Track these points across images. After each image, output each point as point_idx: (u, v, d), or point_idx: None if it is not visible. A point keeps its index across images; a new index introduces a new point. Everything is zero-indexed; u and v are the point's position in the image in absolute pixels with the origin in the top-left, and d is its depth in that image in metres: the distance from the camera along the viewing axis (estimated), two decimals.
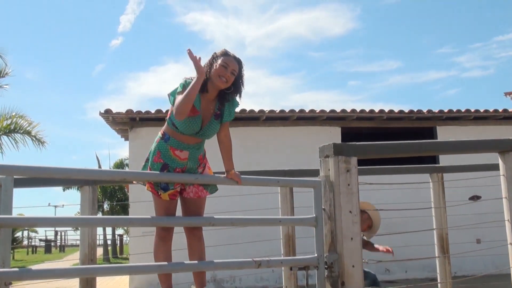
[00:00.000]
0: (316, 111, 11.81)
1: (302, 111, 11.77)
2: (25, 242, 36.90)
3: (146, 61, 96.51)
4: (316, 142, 4.79)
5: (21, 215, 3.97)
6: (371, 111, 11.99)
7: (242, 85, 3.56)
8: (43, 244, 37.50)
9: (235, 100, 3.60)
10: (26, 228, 32.85)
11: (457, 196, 6.67)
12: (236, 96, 3.59)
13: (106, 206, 25.68)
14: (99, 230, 24.45)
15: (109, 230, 27.27)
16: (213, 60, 3.50)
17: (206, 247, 3.73)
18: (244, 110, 11.39)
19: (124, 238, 31.36)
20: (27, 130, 14.69)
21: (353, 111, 11.88)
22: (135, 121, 11.57)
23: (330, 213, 3.48)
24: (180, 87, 3.44)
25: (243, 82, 3.56)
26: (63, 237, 41.58)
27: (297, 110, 11.76)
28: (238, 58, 3.52)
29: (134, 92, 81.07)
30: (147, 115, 11.30)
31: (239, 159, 4.67)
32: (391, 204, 5.82)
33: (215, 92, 3.51)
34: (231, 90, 3.53)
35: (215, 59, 3.49)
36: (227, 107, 3.57)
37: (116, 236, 29.32)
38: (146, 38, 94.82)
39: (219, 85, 3.45)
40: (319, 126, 12.15)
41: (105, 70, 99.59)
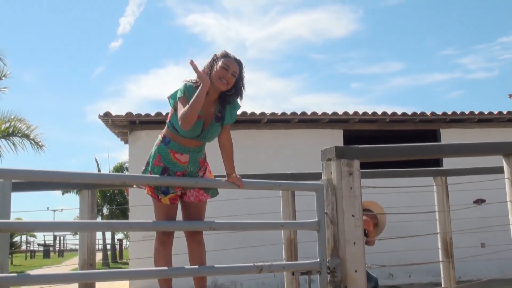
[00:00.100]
0: (318, 114, 11.81)
1: (304, 113, 11.77)
2: (23, 247, 36.84)
3: (146, 63, 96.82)
4: (318, 145, 4.78)
5: (19, 220, 3.97)
6: (374, 113, 11.99)
7: (243, 87, 3.57)
8: (41, 249, 37.46)
9: (237, 103, 3.60)
10: (25, 233, 32.86)
11: (461, 200, 6.67)
12: (237, 98, 3.59)
13: (105, 210, 25.67)
14: (99, 234, 24.43)
15: (108, 234, 27.25)
16: (213, 62, 3.50)
17: (207, 251, 3.73)
18: (245, 113, 11.39)
19: (124, 243, 31.34)
20: (26, 133, 14.69)
21: (355, 113, 11.88)
22: (134, 124, 11.57)
23: (333, 217, 3.48)
24: (181, 92, 3.44)
25: (244, 84, 3.57)
26: (62, 241, 41.50)
27: (298, 113, 11.76)
28: (238, 59, 3.52)
29: (134, 94, 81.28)
30: (147, 118, 11.30)
31: (240, 162, 4.67)
32: (394, 208, 5.81)
33: (216, 94, 3.51)
34: (232, 92, 3.53)
35: (216, 61, 3.49)
36: (229, 109, 3.57)
37: (116, 240, 29.28)
38: (146, 40, 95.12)
39: (220, 87, 3.45)
40: (321, 129, 12.14)
41: (104, 73, 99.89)
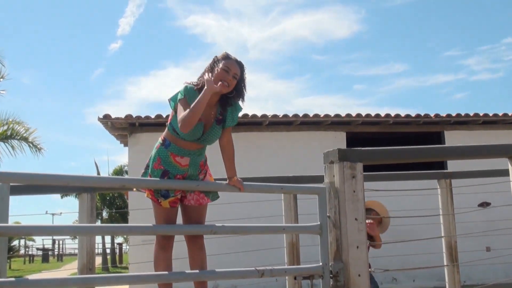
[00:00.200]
0: (321, 116, 11.81)
1: (306, 115, 11.77)
2: (22, 251, 36.85)
3: (146, 65, 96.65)
4: (320, 147, 4.79)
5: (18, 224, 3.97)
6: (377, 115, 11.99)
7: (244, 89, 3.56)
8: (40, 253, 37.51)
9: (238, 105, 3.60)
10: (23, 237, 32.89)
11: (466, 203, 6.65)
12: (238, 100, 3.59)
13: (105, 214, 25.68)
14: (98, 238, 24.45)
15: (108, 238, 27.36)
16: (214, 64, 3.50)
17: (208, 255, 3.73)
18: (246, 115, 11.39)
19: (124, 247, 31.38)
20: (24, 136, 14.70)
21: (358, 115, 11.89)
22: (134, 126, 11.57)
23: (335, 220, 3.47)
24: (181, 94, 3.44)
25: (245, 86, 3.57)
26: (61, 246, 41.53)
27: (301, 115, 11.76)
28: (239, 61, 3.52)
29: (133, 96, 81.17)
30: (147, 120, 11.31)
31: (241, 165, 4.66)
32: (398, 211, 5.80)
33: (216, 97, 3.50)
34: (233, 94, 3.53)
35: (216, 62, 3.49)
36: (230, 112, 3.57)
37: (116, 244, 29.33)
38: (146, 41, 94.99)
39: (221, 89, 3.45)
40: (324, 131, 12.15)
41: (104, 75, 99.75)
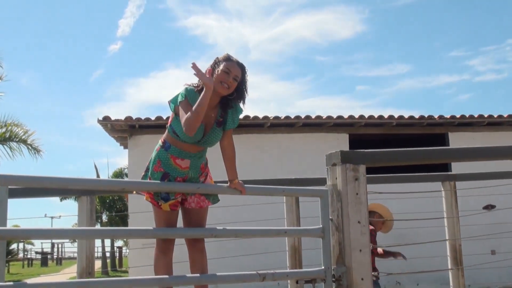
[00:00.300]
0: (323, 117, 11.80)
1: (308, 117, 11.77)
2: (20, 255, 36.86)
3: (146, 66, 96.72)
4: (322, 149, 4.79)
5: (16, 227, 3.97)
6: (380, 117, 11.98)
7: (245, 91, 3.57)
8: (39, 256, 37.50)
9: (239, 107, 3.60)
10: (22, 240, 32.90)
11: (470, 205, 6.66)
12: (239, 102, 3.59)
13: (104, 217, 25.70)
14: (97, 242, 24.43)
15: (107, 242, 27.29)
16: (215, 65, 3.51)
17: (209, 259, 3.73)
18: (248, 117, 11.39)
19: (124, 251, 31.34)
20: (23, 138, 14.74)
21: (361, 117, 11.87)
22: (134, 128, 11.58)
23: (338, 223, 3.47)
24: (182, 96, 3.44)
25: (246, 88, 3.57)
26: (60, 249, 41.57)
27: (303, 117, 11.75)
28: (241, 63, 3.53)
29: (133, 98, 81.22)
30: (147, 122, 11.31)
31: (243, 168, 4.67)
32: (401, 214, 5.79)
33: (217, 99, 3.51)
34: (233, 96, 3.53)
35: (217, 64, 3.50)
36: (230, 114, 3.57)
37: (115, 248, 29.32)
38: (146, 42, 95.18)
39: (221, 91, 3.45)
40: (326, 133, 12.14)
41: (103, 76, 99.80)
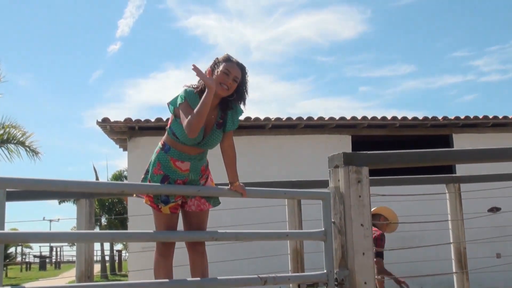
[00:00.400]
0: (325, 119, 11.80)
1: (310, 118, 11.77)
2: (18, 259, 36.91)
3: (145, 67, 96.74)
4: (325, 151, 4.78)
5: (14, 230, 3.98)
6: (383, 118, 11.97)
7: (246, 92, 3.57)
8: (37, 260, 37.45)
9: (239, 108, 3.60)
10: (20, 244, 32.92)
11: (475, 208, 6.64)
12: (239, 103, 3.59)
13: (103, 220, 25.68)
14: (97, 245, 24.46)
15: (107, 245, 27.32)
16: (214, 66, 3.51)
17: (209, 263, 3.73)
18: (248, 118, 11.39)
19: (123, 254, 31.32)
20: (21, 140, 14.73)
21: (364, 118, 11.87)
22: (134, 130, 11.59)
23: (340, 226, 3.47)
24: (181, 98, 3.44)
25: (247, 89, 3.57)
26: (58, 253, 41.59)
27: (304, 118, 11.75)
28: (241, 63, 3.53)
29: (133, 99, 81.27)
30: (147, 124, 11.32)
31: (244, 170, 4.67)
32: (405, 217, 5.80)
33: (216, 100, 3.50)
34: (233, 97, 3.53)
35: (217, 65, 3.50)
36: (230, 115, 3.57)
37: (115, 251, 29.33)
38: (145, 43, 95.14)
39: (220, 93, 3.45)
40: (328, 134, 12.13)
41: (102, 77, 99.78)
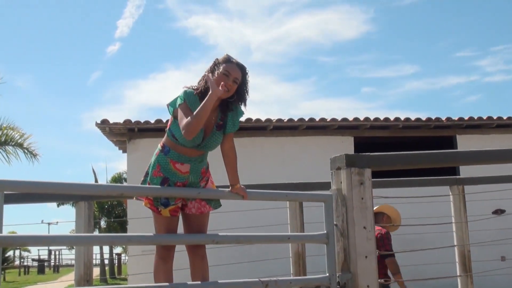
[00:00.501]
0: (327, 120, 11.80)
1: (312, 119, 11.77)
2: (16, 262, 36.89)
3: (145, 68, 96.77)
4: (327, 153, 4.78)
5: (12, 233, 3.98)
6: (386, 119, 11.97)
7: (246, 93, 3.56)
8: (36, 264, 37.53)
9: (239, 109, 3.59)
10: (18, 247, 32.92)
11: (479, 210, 6.64)
12: (240, 105, 3.59)
13: (103, 223, 25.71)
14: (96, 249, 24.46)
15: (106, 248, 27.29)
16: (214, 67, 3.50)
17: (210, 266, 3.72)
18: (250, 119, 11.39)
19: (123, 257, 31.34)
20: (19, 142, 14.73)
21: (366, 119, 11.87)
22: (133, 132, 11.60)
23: (343, 229, 3.47)
24: (181, 99, 3.44)
25: (247, 90, 3.56)
26: (57, 256, 41.60)
27: (306, 119, 11.76)
28: (241, 64, 3.52)
29: (132, 101, 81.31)
30: (146, 126, 11.32)
31: (245, 172, 4.67)
32: (408, 219, 5.79)
33: (217, 102, 3.49)
34: (233, 98, 3.53)
35: (217, 66, 3.49)
36: (231, 117, 3.57)
37: (114, 255, 29.33)
38: (145, 43, 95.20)
39: (223, 93, 3.45)
40: (330, 135, 12.13)
41: (101, 78, 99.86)
